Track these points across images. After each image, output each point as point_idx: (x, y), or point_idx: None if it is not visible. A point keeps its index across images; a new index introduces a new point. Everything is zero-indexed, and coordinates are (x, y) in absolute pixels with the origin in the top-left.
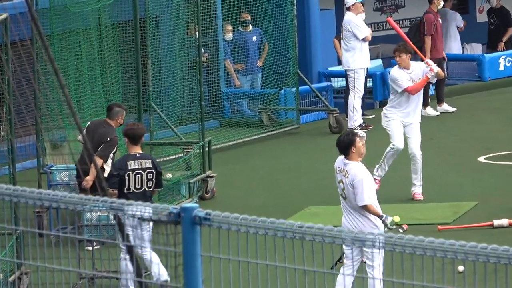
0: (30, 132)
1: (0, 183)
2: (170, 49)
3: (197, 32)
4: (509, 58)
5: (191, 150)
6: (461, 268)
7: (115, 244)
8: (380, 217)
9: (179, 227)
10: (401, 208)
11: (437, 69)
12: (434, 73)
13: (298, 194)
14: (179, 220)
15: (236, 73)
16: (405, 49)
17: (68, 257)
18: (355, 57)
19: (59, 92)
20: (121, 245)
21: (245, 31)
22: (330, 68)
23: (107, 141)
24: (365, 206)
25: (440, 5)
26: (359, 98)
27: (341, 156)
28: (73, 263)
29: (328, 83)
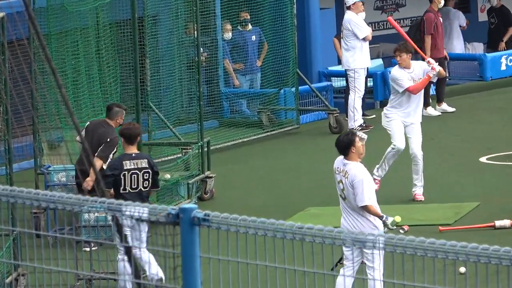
0: (27, 132)
1: None
2: (169, 49)
3: (196, 32)
4: (511, 58)
5: (190, 151)
6: (463, 270)
7: (113, 245)
8: (380, 218)
9: (178, 228)
10: (402, 209)
11: (439, 68)
12: (436, 72)
13: (298, 195)
14: (178, 221)
15: (235, 73)
16: (406, 49)
17: (66, 258)
18: (355, 57)
19: (57, 92)
20: (118, 246)
21: (244, 31)
22: (330, 68)
23: (107, 142)
24: (365, 207)
25: (441, 4)
26: (360, 98)
27: (341, 157)
28: (71, 265)
29: (328, 83)
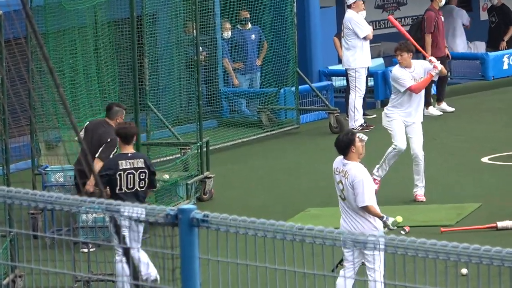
0: (25, 132)
1: None
2: (168, 48)
3: (195, 30)
4: None
5: (189, 151)
6: (464, 271)
7: (111, 247)
8: (381, 218)
9: (177, 229)
10: (403, 210)
11: (441, 67)
12: (438, 71)
13: (298, 195)
14: (177, 222)
15: (235, 72)
16: (407, 48)
17: (63, 260)
18: (356, 56)
19: (54, 92)
20: (116, 247)
21: (244, 29)
22: (331, 67)
23: (108, 142)
24: (366, 207)
25: (442, 3)
26: (360, 98)
27: (340, 157)
28: (68, 266)
29: (329, 82)
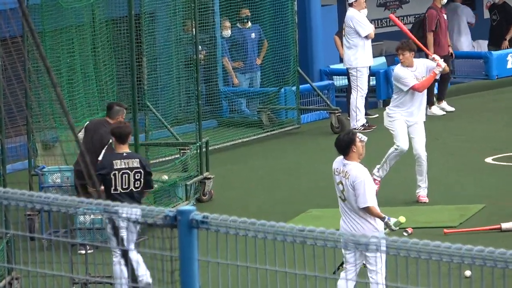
0: (21, 133)
1: None
2: (166, 46)
3: (194, 29)
4: None
5: (188, 151)
6: (468, 273)
7: (109, 248)
8: (382, 219)
9: (176, 231)
10: (406, 211)
11: (444, 64)
12: (442, 69)
13: (299, 196)
14: (176, 224)
15: (235, 71)
16: (408, 47)
17: (61, 262)
18: (358, 55)
19: (51, 91)
20: (113, 249)
21: (244, 28)
22: (332, 66)
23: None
24: (367, 208)
25: (444, 1)
26: (362, 97)
27: (340, 157)
28: (66, 268)
29: (330, 82)
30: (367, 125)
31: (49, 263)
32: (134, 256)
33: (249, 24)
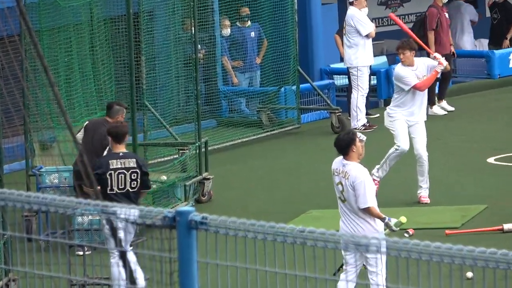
0: (18, 133)
1: None
2: (165, 45)
3: (193, 28)
4: None
5: (187, 151)
6: (470, 275)
7: (107, 249)
8: (383, 220)
9: (174, 232)
10: (407, 212)
11: (446, 63)
12: (443, 67)
13: (299, 196)
14: (174, 225)
15: (234, 71)
16: (409, 46)
17: (58, 263)
18: (358, 54)
19: (49, 90)
20: (110, 250)
21: (243, 27)
22: (332, 65)
23: None
24: (367, 209)
25: None
26: (363, 97)
27: (339, 157)
28: (63, 269)
29: (330, 81)
30: (368, 125)
31: (47, 265)
32: (133, 258)
33: (249, 23)
